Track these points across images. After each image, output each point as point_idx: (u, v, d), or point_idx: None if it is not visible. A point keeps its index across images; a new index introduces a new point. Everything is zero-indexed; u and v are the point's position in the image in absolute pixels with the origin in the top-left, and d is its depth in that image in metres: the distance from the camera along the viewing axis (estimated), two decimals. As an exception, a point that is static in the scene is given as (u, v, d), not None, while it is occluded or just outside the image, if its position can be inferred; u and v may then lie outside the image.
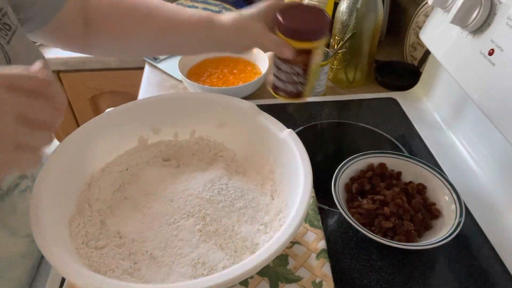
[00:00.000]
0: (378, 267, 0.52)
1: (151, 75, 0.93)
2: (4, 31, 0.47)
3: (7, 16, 0.48)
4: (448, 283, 0.51)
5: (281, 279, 0.48)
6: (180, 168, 0.57)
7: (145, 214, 0.49)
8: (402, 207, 0.54)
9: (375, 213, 0.54)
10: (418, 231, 0.53)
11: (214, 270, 0.44)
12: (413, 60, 0.92)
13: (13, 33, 0.48)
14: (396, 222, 0.53)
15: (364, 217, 0.55)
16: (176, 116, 0.58)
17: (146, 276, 0.43)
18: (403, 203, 0.55)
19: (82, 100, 1.20)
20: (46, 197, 0.43)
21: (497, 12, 0.54)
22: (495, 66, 0.53)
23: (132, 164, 0.56)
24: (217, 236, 0.46)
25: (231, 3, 1.20)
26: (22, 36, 0.50)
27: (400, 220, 0.54)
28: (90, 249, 0.45)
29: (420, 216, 0.54)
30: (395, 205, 0.54)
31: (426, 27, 0.72)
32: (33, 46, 0.53)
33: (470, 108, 0.67)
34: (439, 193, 0.57)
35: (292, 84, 0.57)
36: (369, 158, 0.61)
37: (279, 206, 0.50)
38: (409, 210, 0.55)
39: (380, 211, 0.54)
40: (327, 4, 0.88)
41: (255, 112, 0.54)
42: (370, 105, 0.81)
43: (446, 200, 0.56)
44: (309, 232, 0.53)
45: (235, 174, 0.55)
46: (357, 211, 0.55)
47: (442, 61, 0.66)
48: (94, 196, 0.51)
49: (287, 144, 0.50)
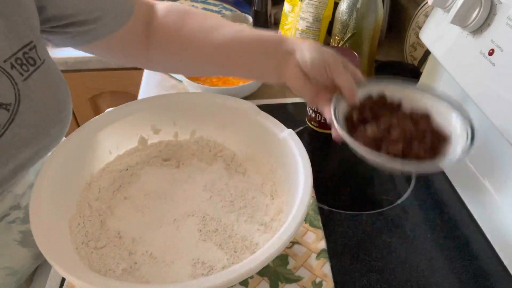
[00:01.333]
0: (378, 267, 0.52)
1: (151, 75, 0.93)
2: (26, 66, 0.44)
3: (35, 50, 0.45)
4: (448, 282, 0.51)
5: (281, 279, 0.48)
6: (180, 168, 0.57)
7: (145, 214, 0.49)
8: (410, 132, 0.49)
9: (381, 139, 0.49)
10: (430, 155, 0.49)
11: (213, 270, 0.44)
12: (413, 60, 0.92)
13: (36, 68, 0.45)
14: (405, 147, 0.48)
15: (369, 144, 0.49)
16: (176, 116, 0.58)
17: (146, 276, 0.43)
18: (411, 127, 0.50)
19: (82, 100, 1.20)
20: (46, 197, 0.43)
21: (497, 12, 0.54)
22: (495, 66, 0.53)
23: (132, 164, 0.56)
24: (217, 236, 0.46)
25: (231, 3, 1.20)
26: (49, 70, 0.47)
27: (409, 144, 0.49)
28: (90, 249, 0.45)
29: (428, 141, 0.49)
30: (402, 130, 0.49)
31: (426, 27, 0.72)
32: (58, 80, 0.49)
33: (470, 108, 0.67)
34: (447, 118, 0.52)
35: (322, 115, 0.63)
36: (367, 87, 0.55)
37: (279, 206, 0.50)
38: (416, 135, 0.49)
39: (386, 136, 0.49)
40: (327, 4, 0.88)
41: (255, 112, 0.54)
42: (370, 105, 0.81)
43: (455, 124, 0.51)
44: (309, 232, 0.53)
45: (235, 174, 0.55)
46: (363, 139, 0.50)
47: (442, 61, 0.66)
48: (94, 196, 0.51)
49: (287, 144, 0.50)
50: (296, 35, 0.93)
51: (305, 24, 0.91)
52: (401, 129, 0.50)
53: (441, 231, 0.57)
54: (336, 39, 0.84)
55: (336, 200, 0.61)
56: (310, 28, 0.91)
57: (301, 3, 0.91)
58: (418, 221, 0.58)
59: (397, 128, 0.50)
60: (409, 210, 0.60)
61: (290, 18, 0.95)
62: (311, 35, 0.92)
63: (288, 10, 0.96)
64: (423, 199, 0.61)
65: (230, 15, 1.06)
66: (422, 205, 0.61)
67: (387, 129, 0.50)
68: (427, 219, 0.58)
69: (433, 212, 0.59)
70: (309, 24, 0.91)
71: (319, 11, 0.89)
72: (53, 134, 0.48)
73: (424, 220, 0.58)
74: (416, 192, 0.62)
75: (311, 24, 0.90)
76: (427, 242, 0.55)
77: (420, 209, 0.60)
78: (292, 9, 0.94)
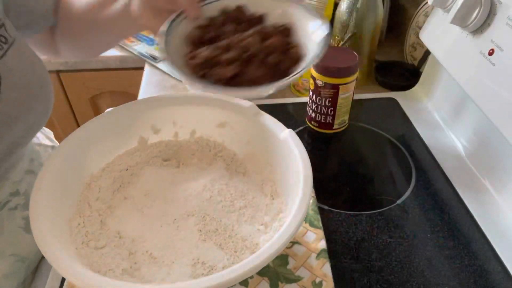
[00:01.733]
0: (378, 267, 0.52)
1: (151, 75, 0.93)
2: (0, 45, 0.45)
3: (4, 28, 0.46)
4: (448, 282, 0.51)
5: (281, 279, 0.48)
6: (180, 168, 0.57)
7: (145, 214, 0.49)
8: (250, 51, 0.43)
9: (215, 62, 0.43)
10: (271, 78, 0.42)
11: (214, 270, 0.44)
12: (413, 60, 0.92)
13: (9, 46, 0.46)
14: (240, 70, 0.42)
15: (200, 67, 0.43)
16: (176, 116, 0.58)
17: (146, 276, 0.43)
18: (252, 45, 0.43)
19: (82, 100, 1.20)
20: (46, 196, 0.43)
21: (497, 12, 0.54)
22: (495, 66, 0.53)
23: (132, 164, 0.56)
24: (217, 236, 0.46)
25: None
26: (22, 48, 0.49)
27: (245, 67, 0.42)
28: (90, 249, 0.45)
29: (274, 59, 0.43)
30: (241, 48, 0.43)
31: (426, 27, 0.72)
32: (34, 58, 0.51)
33: (470, 108, 0.67)
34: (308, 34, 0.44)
35: (322, 115, 0.69)
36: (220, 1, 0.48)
37: (279, 206, 0.50)
38: (258, 53, 0.43)
39: (221, 57, 0.43)
40: (327, 4, 0.88)
41: (255, 112, 0.54)
42: (370, 105, 0.81)
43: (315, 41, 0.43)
44: (309, 232, 0.53)
45: (235, 174, 0.55)
46: (193, 63, 0.43)
47: (442, 61, 0.66)
48: (94, 196, 0.51)
49: (287, 144, 0.50)
50: (296, 35, 0.93)
51: (305, 24, 0.91)
52: (240, 49, 0.42)
53: (441, 231, 0.57)
54: (336, 39, 0.84)
55: (336, 200, 0.62)
56: (310, 28, 0.91)
57: (301, 3, 0.91)
58: (418, 221, 0.58)
59: (234, 49, 0.42)
60: (409, 210, 0.60)
61: (290, 18, 0.95)
62: (311, 35, 0.92)
63: (288, 10, 0.96)
64: (423, 199, 0.61)
65: (230, 15, 1.06)
66: (422, 205, 0.61)
67: (226, 49, 0.43)
68: (427, 219, 0.58)
69: (433, 212, 0.59)
70: (309, 24, 0.91)
71: (319, 11, 0.89)
72: (38, 110, 0.50)
73: (424, 220, 0.58)
74: (416, 192, 0.62)
75: (311, 24, 0.90)
76: (427, 242, 0.55)
77: (420, 209, 0.60)
78: (292, 9, 0.94)
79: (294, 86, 0.84)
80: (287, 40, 0.45)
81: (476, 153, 0.66)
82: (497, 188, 0.61)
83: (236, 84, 0.41)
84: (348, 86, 0.67)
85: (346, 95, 0.67)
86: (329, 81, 0.65)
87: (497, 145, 0.61)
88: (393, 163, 0.69)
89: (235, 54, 0.42)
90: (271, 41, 0.43)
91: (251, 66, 0.42)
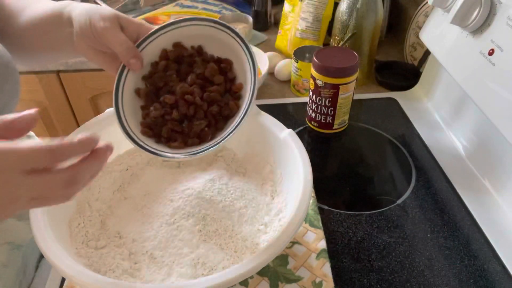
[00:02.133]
0: (378, 267, 0.52)
1: (151, 75, 0.93)
2: None
3: None
4: (448, 282, 0.51)
5: (281, 279, 0.48)
6: (180, 168, 0.57)
7: (145, 214, 0.49)
8: (194, 104, 0.44)
9: (164, 121, 0.45)
10: (217, 125, 0.45)
11: (214, 270, 0.44)
12: (413, 60, 0.92)
13: None
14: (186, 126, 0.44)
15: (153, 127, 0.45)
16: (176, 116, 0.58)
17: (146, 276, 0.43)
18: (194, 98, 0.45)
19: (82, 100, 1.20)
20: (46, 197, 0.43)
21: (497, 12, 0.54)
22: (495, 66, 0.53)
23: (132, 164, 0.56)
24: (217, 236, 0.46)
25: (231, 3, 1.21)
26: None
27: (191, 121, 0.45)
28: (90, 249, 0.45)
29: (215, 109, 0.45)
30: (185, 104, 0.44)
31: (426, 27, 0.72)
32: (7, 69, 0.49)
33: (470, 108, 0.67)
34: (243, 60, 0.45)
35: (322, 115, 0.70)
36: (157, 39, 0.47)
37: (279, 206, 0.50)
38: (202, 105, 0.45)
39: (168, 116, 0.44)
40: (327, 4, 0.89)
41: (255, 112, 0.54)
42: (370, 105, 0.81)
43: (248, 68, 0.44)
44: (309, 232, 0.53)
45: (235, 174, 0.55)
46: (147, 123, 0.45)
47: (442, 61, 0.66)
48: (94, 196, 0.51)
49: (287, 144, 0.50)
50: (296, 35, 0.93)
51: (305, 24, 0.91)
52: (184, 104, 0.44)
53: (441, 231, 0.57)
54: (336, 39, 0.84)
55: (336, 200, 0.62)
56: (310, 28, 0.91)
57: (301, 3, 0.91)
58: (418, 221, 0.58)
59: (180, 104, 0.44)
60: (409, 210, 0.60)
61: (290, 18, 0.95)
62: (311, 35, 0.92)
63: (288, 10, 0.96)
64: (423, 199, 0.61)
65: (230, 15, 1.06)
66: (422, 205, 0.61)
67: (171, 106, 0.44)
68: (427, 219, 0.58)
69: (433, 212, 0.59)
70: (309, 24, 0.91)
71: (319, 11, 0.89)
72: (7, 90, 0.49)
73: (424, 220, 0.58)
74: (416, 192, 0.62)
75: (311, 24, 0.91)
76: (427, 242, 0.55)
77: (420, 209, 0.60)
78: (292, 9, 0.94)
79: (294, 86, 0.84)
80: (229, 76, 0.47)
81: (476, 153, 0.66)
82: (497, 188, 0.61)
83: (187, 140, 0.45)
84: (348, 86, 0.67)
85: (346, 95, 0.67)
86: (329, 81, 0.65)
87: (497, 145, 0.61)
88: (393, 163, 0.69)
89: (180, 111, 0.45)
90: (208, 93, 0.45)
91: (197, 119, 0.45)
